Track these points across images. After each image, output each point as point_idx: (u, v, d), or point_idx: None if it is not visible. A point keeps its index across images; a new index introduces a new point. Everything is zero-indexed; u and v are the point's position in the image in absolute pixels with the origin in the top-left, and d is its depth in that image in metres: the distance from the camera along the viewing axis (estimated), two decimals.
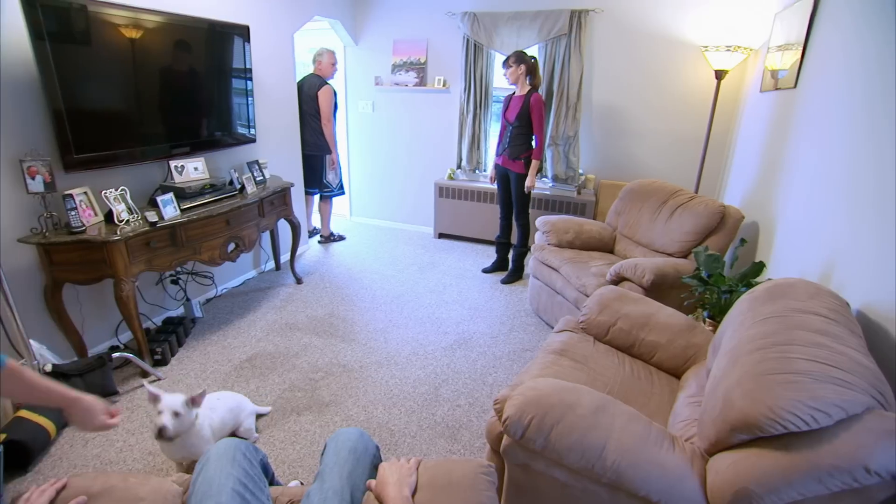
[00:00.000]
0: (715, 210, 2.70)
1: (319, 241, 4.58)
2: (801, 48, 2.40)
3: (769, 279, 1.76)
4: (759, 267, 2.25)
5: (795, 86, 2.45)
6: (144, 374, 2.41)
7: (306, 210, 4.40)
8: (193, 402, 1.63)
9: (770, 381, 1.11)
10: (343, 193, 4.62)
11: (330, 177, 4.30)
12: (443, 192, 4.48)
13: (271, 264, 3.88)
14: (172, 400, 1.58)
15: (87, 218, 2.23)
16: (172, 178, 2.74)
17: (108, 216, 2.33)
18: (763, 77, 3.01)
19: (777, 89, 2.71)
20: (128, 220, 2.33)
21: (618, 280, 2.52)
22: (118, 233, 2.20)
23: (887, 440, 0.95)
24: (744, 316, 1.46)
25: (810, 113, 2.24)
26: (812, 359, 1.11)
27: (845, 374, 1.06)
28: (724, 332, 1.54)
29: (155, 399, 1.59)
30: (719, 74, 3.31)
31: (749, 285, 2.16)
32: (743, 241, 2.55)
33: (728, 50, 3.17)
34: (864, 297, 1.57)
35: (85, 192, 2.27)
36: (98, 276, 2.23)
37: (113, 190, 2.31)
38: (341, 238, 4.67)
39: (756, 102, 3.14)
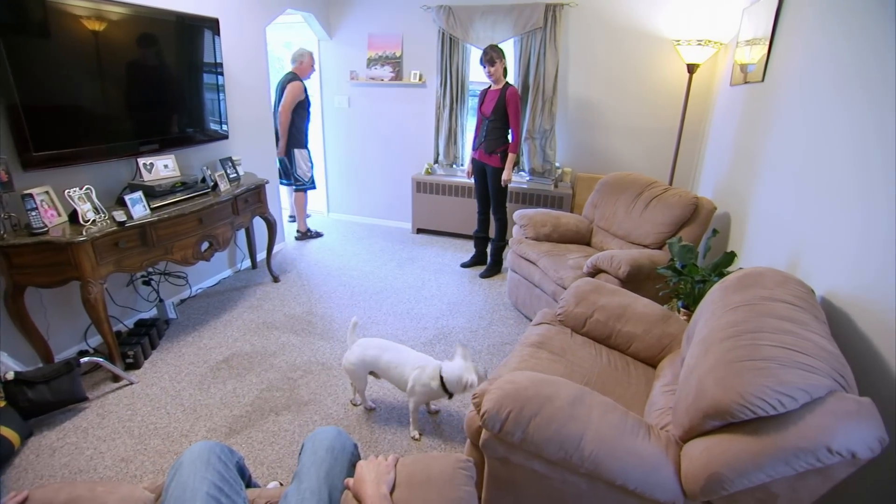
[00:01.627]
0: (688, 201, 2.75)
1: (296, 238, 4.54)
2: (767, 43, 2.45)
3: (740, 268, 1.80)
4: (730, 256, 2.30)
5: (763, 79, 2.50)
6: (116, 379, 2.34)
7: (289, 199, 4.50)
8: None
9: (740, 367, 1.13)
10: (314, 188, 4.52)
11: (300, 171, 4.25)
12: (420, 187, 4.46)
13: (247, 263, 3.81)
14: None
15: (50, 219, 2.15)
16: (141, 177, 2.65)
17: (73, 216, 2.25)
18: (733, 71, 3.07)
19: (746, 83, 2.77)
20: (94, 220, 2.25)
21: (595, 272, 2.55)
22: (84, 233, 2.12)
23: (847, 421, 0.98)
24: (716, 305, 1.49)
25: (777, 106, 2.30)
26: (779, 345, 1.14)
27: (810, 358, 1.09)
28: (697, 321, 1.57)
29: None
30: (691, 68, 3.37)
31: (721, 275, 2.21)
32: (715, 231, 2.60)
33: (699, 44, 3.22)
34: (828, 284, 1.62)
35: (46, 192, 2.18)
36: (63, 278, 2.15)
37: (77, 189, 2.23)
38: (318, 235, 4.62)
39: (727, 96, 3.21)
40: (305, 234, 4.53)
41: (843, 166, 1.62)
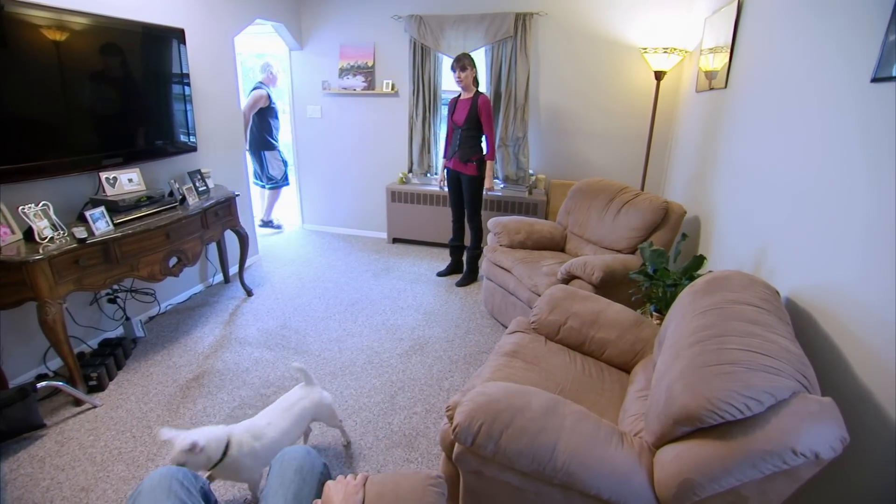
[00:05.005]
0: (658, 206, 2.80)
1: (259, 225, 4.95)
2: (729, 50, 2.52)
3: (710, 271, 1.82)
4: (700, 260, 2.34)
5: (726, 86, 2.57)
6: (77, 403, 2.24)
7: (263, 199, 5.03)
8: (192, 449, 1.42)
9: (708, 372, 1.14)
10: (287, 184, 5.02)
11: (274, 171, 4.80)
12: (395, 196, 4.44)
13: (219, 277, 3.72)
14: (175, 450, 1.42)
15: (3, 237, 2.06)
16: (104, 191, 2.57)
17: (29, 234, 2.15)
18: (698, 78, 3.14)
19: (711, 89, 2.84)
20: (52, 238, 2.16)
21: (568, 278, 2.56)
22: (40, 251, 2.03)
23: (810, 422, 1.00)
24: (685, 309, 1.50)
25: (740, 112, 2.36)
26: (745, 348, 1.15)
27: (775, 360, 1.10)
28: (667, 326, 1.59)
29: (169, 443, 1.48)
30: (658, 75, 3.44)
31: (691, 278, 2.24)
32: (685, 235, 2.64)
33: (665, 52, 3.30)
34: (792, 285, 1.65)
35: None
36: (18, 299, 2.05)
37: (32, 205, 2.14)
38: (278, 227, 5.06)
39: (693, 102, 3.28)
40: (267, 223, 5.03)
41: (805, 170, 1.67)
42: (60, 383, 2.18)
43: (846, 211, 1.39)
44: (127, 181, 2.69)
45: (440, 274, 3.90)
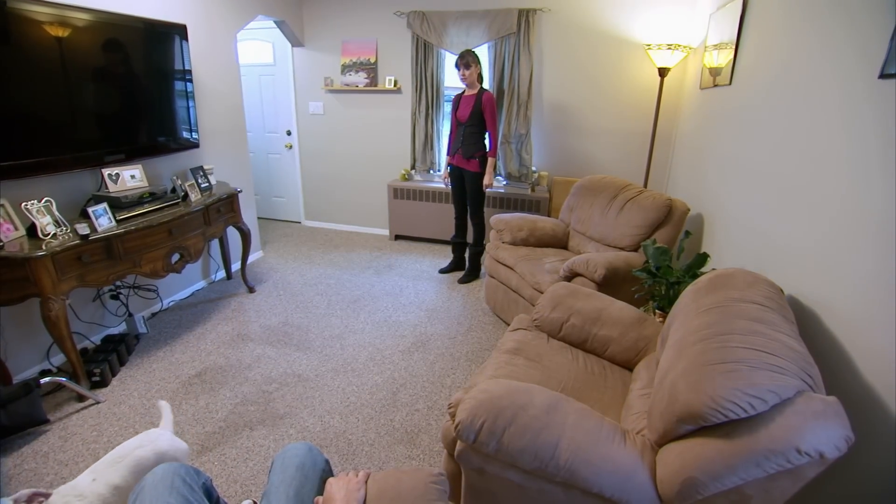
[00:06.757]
0: (662, 203, 2.78)
1: None
2: (734, 47, 2.50)
3: (713, 269, 1.82)
4: (703, 258, 2.33)
5: (731, 83, 2.55)
6: (81, 399, 2.25)
7: None
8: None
9: (711, 371, 1.13)
10: None
11: None
12: (397, 193, 4.44)
13: (222, 273, 3.73)
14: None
15: (6, 233, 2.06)
16: (106, 188, 2.57)
17: (32, 230, 2.16)
18: (702, 74, 3.12)
19: (715, 86, 2.82)
20: (55, 234, 2.17)
21: (571, 276, 2.55)
22: (43, 248, 2.04)
23: (815, 421, 0.99)
24: (688, 307, 1.49)
25: (744, 109, 2.34)
26: (749, 346, 1.15)
27: (779, 359, 1.10)
28: (671, 324, 1.58)
29: None
30: (662, 72, 3.42)
31: (695, 276, 2.23)
32: (688, 232, 2.63)
33: (669, 49, 3.28)
34: (796, 283, 1.64)
35: (2, 205, 2.09)
36: (21, 295, 2.06)
37: (35, 202, 2.14)
38: None
39: (697, 99, 3.26)
40: None
41: (810, 167, 1.65)
42: (63, 379, 2.19)
43: (852, 208, 1.38)
44: (129, 177, 2.69)
45: (442, 271, 3.89)
